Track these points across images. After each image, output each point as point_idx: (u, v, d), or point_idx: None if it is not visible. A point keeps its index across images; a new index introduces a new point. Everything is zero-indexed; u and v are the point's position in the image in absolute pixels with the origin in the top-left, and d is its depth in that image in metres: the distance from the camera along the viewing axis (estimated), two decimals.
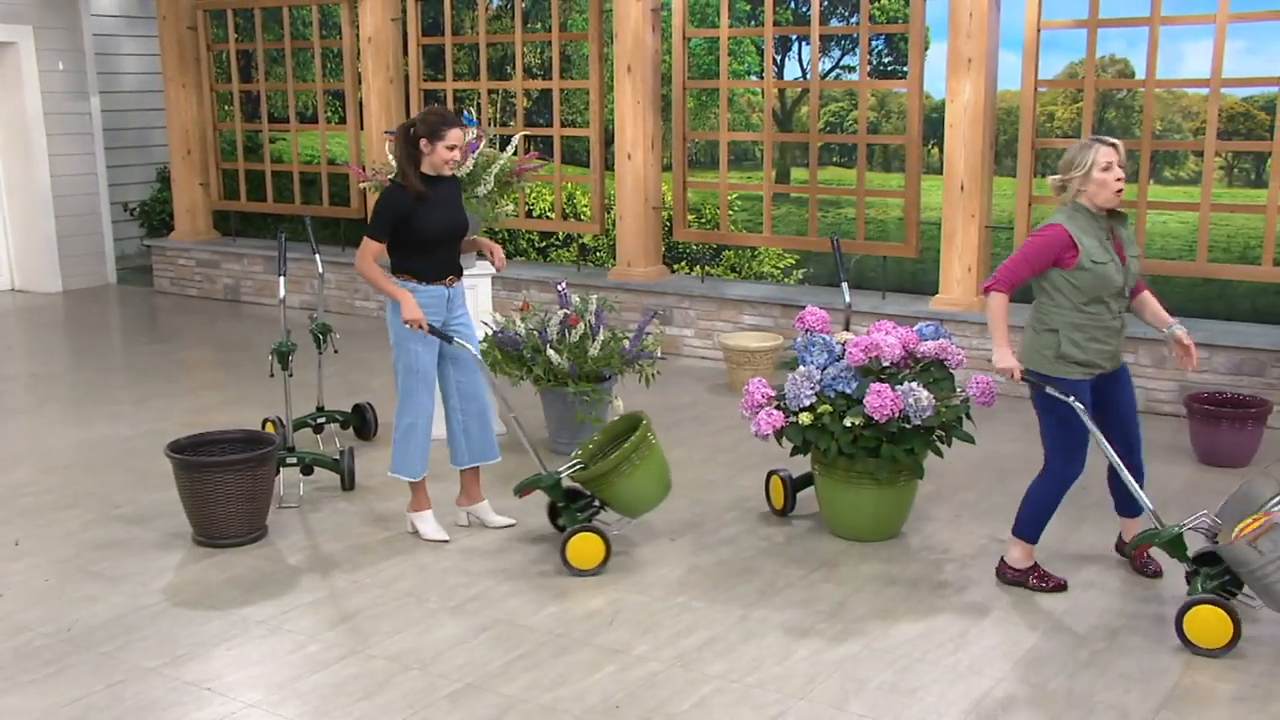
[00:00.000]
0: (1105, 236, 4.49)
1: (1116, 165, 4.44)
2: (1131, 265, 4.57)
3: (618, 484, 4.98)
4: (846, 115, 8.64)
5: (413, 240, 5.05)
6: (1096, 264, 4.45)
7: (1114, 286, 4.50)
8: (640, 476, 5.00)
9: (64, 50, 11.49)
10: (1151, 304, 4.76)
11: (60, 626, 4.48)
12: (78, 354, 9.31)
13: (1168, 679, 4.05)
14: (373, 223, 5.06)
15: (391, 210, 5.01)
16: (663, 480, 5.12)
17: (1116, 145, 4.47)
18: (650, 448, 5.04)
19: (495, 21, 9.85)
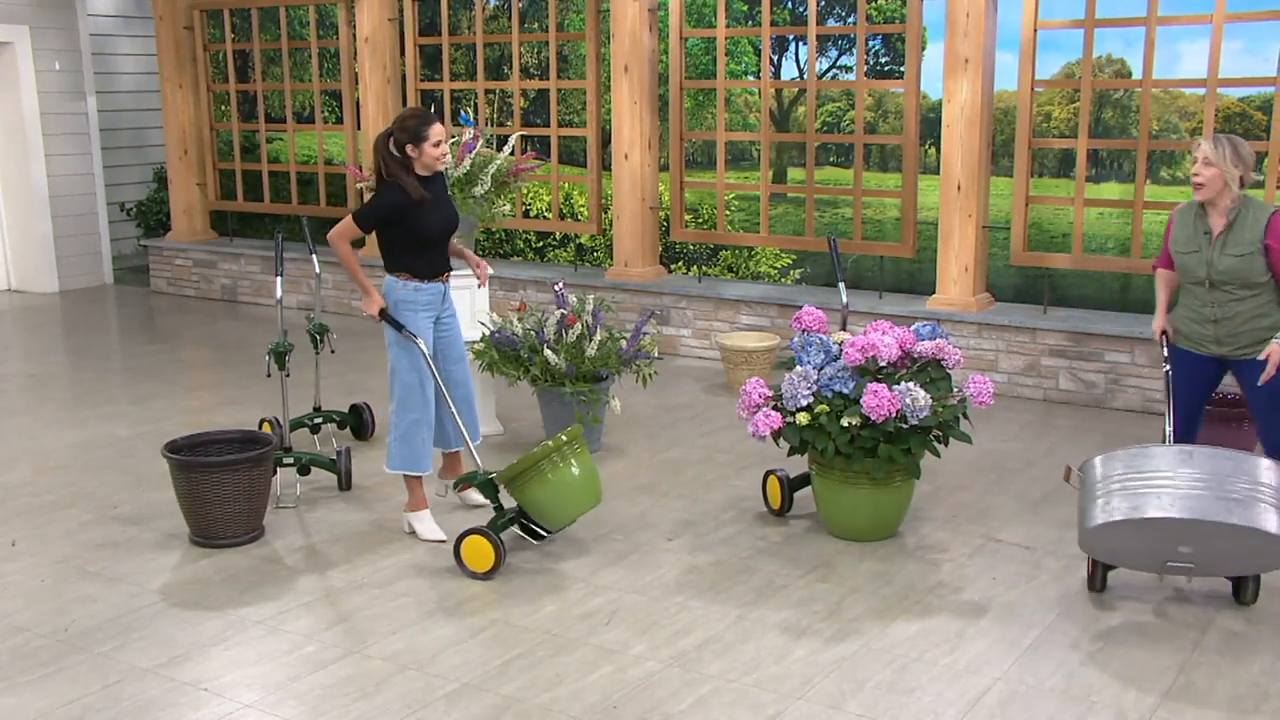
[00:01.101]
0: (1202, 229, 4.78)
1: (1199, 161, 4.70)
2: (1220, 261, 4.73)
3: (527, 489, 4.90)
4: (844, 115, 8.64)
5: (413, 240, 5.13)
6: (1178, 252, 4.88)
7: (1193, 275, 4.82)
8: (553, 484, 4.87)
9: (60, 50, 11.48)
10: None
11: (57, 627, 4.47)
12: (75, 354, 9.30)
13: (1165, 678, 4.05)
14: (364, 211, 5.14)
15: (390, 210, 5.06)
16: (580, 493, 4.93)
17: (1205, 142, 4.72)
18: (565, 457, 4.88)
19: (492, 21, 9.85)
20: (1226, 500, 4.18)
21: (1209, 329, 4.86)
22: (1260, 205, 4.77)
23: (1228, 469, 4.25)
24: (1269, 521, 4.17)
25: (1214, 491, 4.20)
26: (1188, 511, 4.19)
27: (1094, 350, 7.36)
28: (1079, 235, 7.52)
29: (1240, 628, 4.42)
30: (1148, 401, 7.21)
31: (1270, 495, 4.20)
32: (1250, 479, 4.22)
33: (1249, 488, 4.20)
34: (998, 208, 7.92)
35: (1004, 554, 5.12)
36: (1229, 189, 4.70)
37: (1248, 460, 4.29)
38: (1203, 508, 4.19)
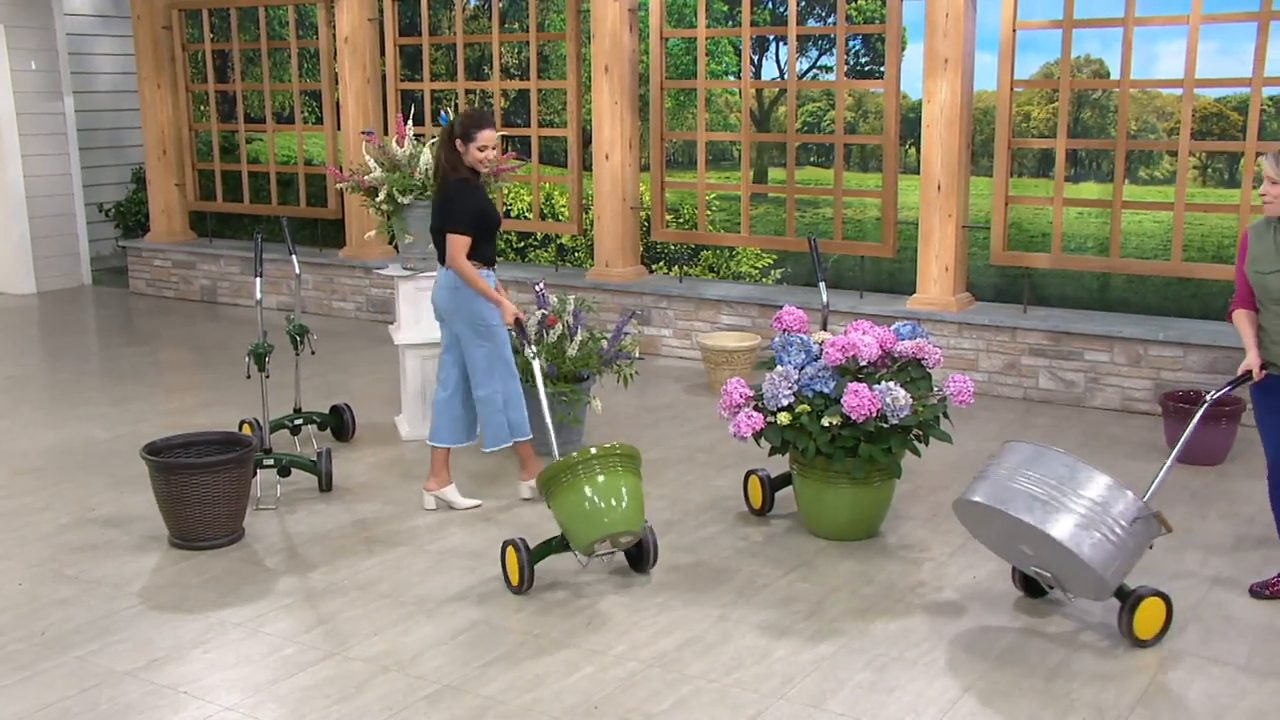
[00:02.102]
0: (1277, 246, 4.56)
1: (1266, 180, 4.49)
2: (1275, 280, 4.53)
3: (558, 495, 4.66)
4: (824, 115, 8.65)
5: (483, 229, 5.41)
6: (1256, 272, 4.62)
7: (1272, 294, 4.58)
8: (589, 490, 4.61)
9: (36, 50, 11.41)
10: None
11: (34, 630, 4.44)
12: (52, 356, 9.24)
13: (1143, 677, 4.07)
14: (454, 218, 5.36)
15: (470, 201, 5.37)
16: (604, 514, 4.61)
17: (1268, 161, 4.49)
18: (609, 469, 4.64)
19: (472, 22, 9.83)
20: (1033, 499, 4.18)
21: (1264, 346, 4.66)
22: None
23: (1062, 474, 4.22)
24: (1059, 528, 4.12)
25: (1030, 490, 4.21)
26: (990, 499, 4.26)
27: (1073, 349, 7.40)
28: (1058, 235, 7.55)
29: (1218, 626, 4.45)
30: (1127, 400, 7.25)
31: (1085, 508, 4.14)
32: (1075, 489, 4.18)
33: (1068, 497, 4.16)
34: (977, 207, 7.95)
35: (984, 553, 5.13)
36: None
37: (1084, 471, 4.22)
38: (1005, 499, 4.22)
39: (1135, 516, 4.16)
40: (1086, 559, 4.11)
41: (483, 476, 6.18)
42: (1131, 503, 4.18)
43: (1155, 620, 4.27)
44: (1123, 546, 4.16)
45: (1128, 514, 4.16)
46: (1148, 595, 4.24)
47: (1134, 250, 7.58)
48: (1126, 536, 4.15)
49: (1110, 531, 4.14)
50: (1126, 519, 4.15)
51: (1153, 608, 4.25)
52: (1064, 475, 4.23)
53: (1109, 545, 4.13)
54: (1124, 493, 4.19)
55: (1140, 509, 4.18)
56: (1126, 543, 4.16)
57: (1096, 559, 4.12)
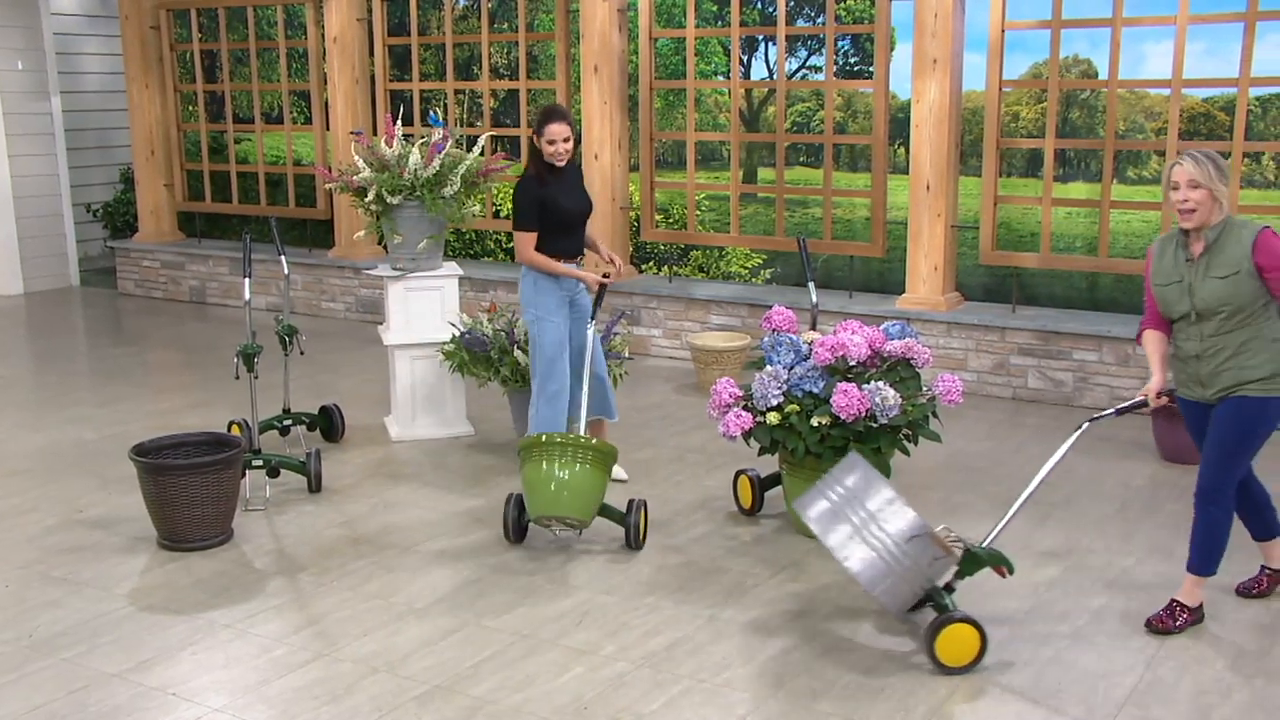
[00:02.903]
0: (1184, 257, 4.26)
1: (1184, 185, 4.16)
2: (1204, 287, 4.21)
3: (523, 466, 5.09)
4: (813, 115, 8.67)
5: (549, 222, 5.56)
6: (1159, 285, 4.36)
7: (1177, 310, 4.30)
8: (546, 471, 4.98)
9: (23, 49, 11.37)
10: None
11: (21, 633, 4.43)
12: (40, 357, 9.21)
13: (1132, 675, 4.08)
14: (518, 217, 5.61)
15: (528, 199, 5.55)
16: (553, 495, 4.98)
17: (1185, 162, 4.19)
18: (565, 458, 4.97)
19: (461, 22, 9.82)
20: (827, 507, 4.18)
21: (1191, 366, 4.34)
22: (1242, 223, 4.24)
23: (857, 486, 4.19)
24: (833, 537, 4.10)
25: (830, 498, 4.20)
26: (800, 505, 4.28)
27: (1062, 349, 7.41)
28: (1047, 234, 7.57)
29: (1206, 624, 4.46)
30: (1115, 400, 7.26)
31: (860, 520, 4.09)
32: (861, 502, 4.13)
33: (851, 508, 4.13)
34: (966, 207, 7.97)
35: None
36: (1219, 208, 4.18)
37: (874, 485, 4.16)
38: (807, 503, 4.24)
39: (911, 535, 4.04)
40: (854, 573, 4.07)
41: (471, 477, 6.18)
42: (910, 522, 4.06)
43: (963, 648, 4.06)
44: (896, 565, 4.05)
45: (904, 533, 4.05)
46: (954, 622, 4.05)
47: (1122, 250, 7.61)
48: (901, 555, 4.04)
49: (883, 548, 4.05)
50: (902, 538, 4.05)
51: (959, 634, 4.04)
52: (858, 487, 4.17)
53: (880, 562, 4.05)
54: (904, 511, 4.08)
55: (918, 528, 4.05)
56: (901, 561, 4.04)
57: (864, 574, 4.06)
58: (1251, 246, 4.14)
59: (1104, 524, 5.46)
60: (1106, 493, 5.89)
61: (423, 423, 6.83)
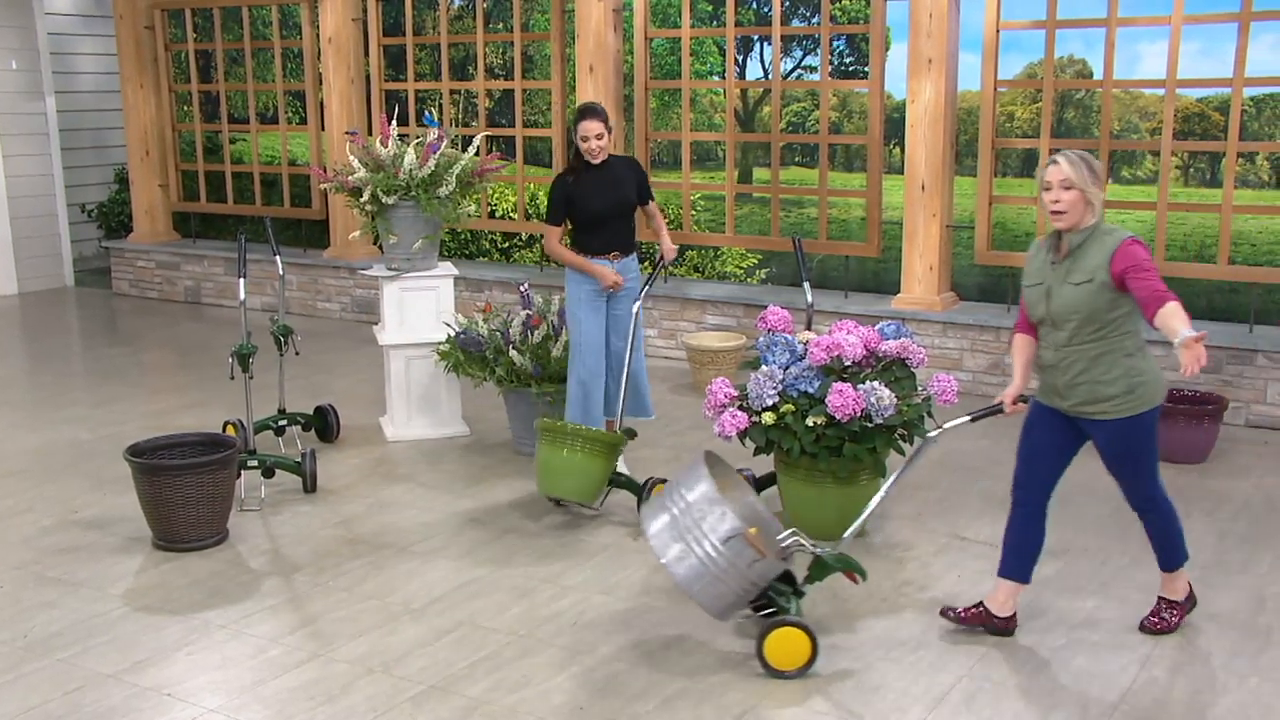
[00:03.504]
0: (1051, 259, 4.16)
1: (1056, 185, 4.05)
2: (1060, 293, 4.09)
3: (540, 448, 5.43)
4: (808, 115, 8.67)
5: (580, 218, 5.80)
6: (1025, 287, 4.27)
7: (1036, 313, 4.20)
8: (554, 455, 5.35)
9: (17, 49, 11.35)
10: None
11: (16, 633, 4.42)
12: (35, 357, 9.20)
13: (1126, 674, 4.09)
14: (546, 211, 5.94)
15: (555, 195, 5.83)
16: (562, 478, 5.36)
17: (1060, 162, 4.07)
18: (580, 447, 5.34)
19: (457, 22, 9.82)
20: (659, 505, 4.15)
21: (1049, 375, 4.23)
22: (1109, 230, 4.07)
23: (686, 483, 4.14)
24: (657, 538, 4.07)
25: (666, 498, 4.17)
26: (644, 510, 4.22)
27: None
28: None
29: (1201, 623, 4.47)
30: None
31: (680, 514, 4.05)
32: (685, 498, 4.09)
33: (675, 504, 4.09)
34: (961, 207, 7.97)
35: (969, 552, 5.15)
36: (1091, 211, 4.05)
37: (701, 484, 4.08)
38: (651, 507, 4.19)
39: (727, 536, 3.98)
40: (670, 570, 4.04)
41: (466, 477, 6.18)
42: (726, 521, 4.00)
43: (794, 651, 4.04)
44: (711, 566, 3.99)
45: (720, 533, 3.99)
46: (782, 626, 4.05)
47: None
48: (717, 556, 3.98)
49: (699, 547, 4.00)
50: (719, 538, 3.99)
51: (789, 637, 4.04)
52: (687, 483, 4.12)
53: (694, 561, 4.00)
54: (723, 512, 4.01)
55: (733, 530, 3.97)
56: (718, 562, 3.98)
57: (679, 572, 4.02)
58: (1111, 255, 4.00)
59: (1099, 524, 5.47)
60: (1101, 492, 5.89)
61: (418, 423, 6.82)
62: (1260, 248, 8.04)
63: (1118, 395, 4.10)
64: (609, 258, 5.85)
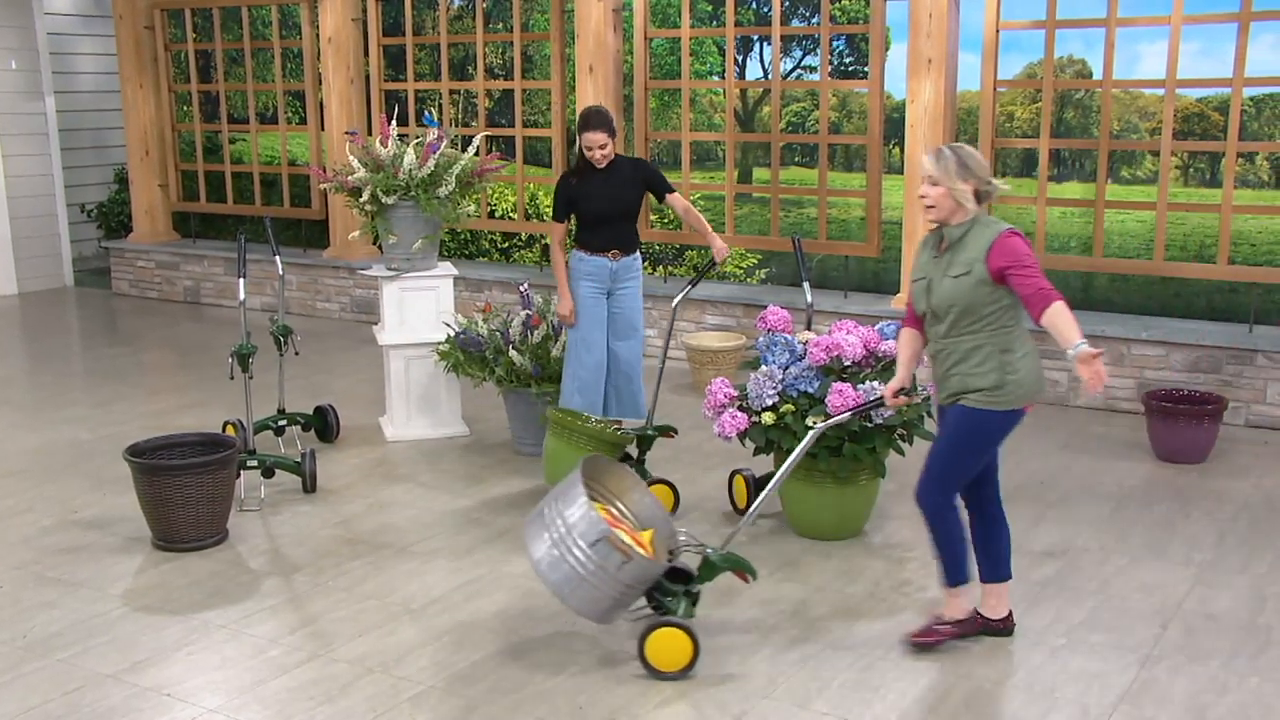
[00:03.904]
0: (934, 254, 4.17)
1: (925, 181, 4.09)
2: (939, 286, 4.09)
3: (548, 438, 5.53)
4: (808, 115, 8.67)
5: (580, 218, 5.93)
6: (912, 280, 4.27)
7: (919, 306, 4.21)
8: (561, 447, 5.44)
9: (17, 49, 11.34)
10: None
11: (16, 633, 4.42)
12: (34, 357, 9.20)
13: (1126, 674, 4.09)
14: (552, 209, 6.08)
15: (558, 195, 5.96)
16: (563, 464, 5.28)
17: (928, 157, 4.10)
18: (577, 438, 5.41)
19: (456, 22, 9.82)
20: (538, 516, 4.10)
21: (934, 367, 4.23)
22: (989, 223, 4.07)
23: (560, 492, 4.10)
24: (536, 547, 4.04)
25: (544, 507, 4.13)
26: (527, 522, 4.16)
27: (1056, 349, 7.38)
28: (1041, 235, 7.58)
29: (1200, 623, 4.47)
30: (1110, 399, 7.28)
31: (556, 525, 4.01)
32: (561, 508, 4.04)
33: (553, 512, 4.05)
34: None
35: None
36: (962, 207, 4.05)
37: (574, 490, 4.04)
38: (531, 519, 4.15)
39: (594, 539, 3.95)
40: (542, 576, 4.02)
41: (466, 477, 6.18)
42: (591, 524, 3.96)
43: (675, 652, 4.03)
44: (581, 570, 3.96)
45: (588, 536, 3.96)
46: (662, 626, 4.03)
47: (1117, 250, 7.62)
48: (586, 560, 3.95)
49: (570, 553, 3.97)
50: (587, 541, 3.96)
51: (670, 638, 4.03)
52: (561, 493, 4.10)
53: (565, 566, 3.97)
54: (591, 516, 3.98)
55: (598, 534, 3.94)
56: (587, 566, 3.95)
57: (550, 578, 4.01)
58: (988, 248, 3.99)
59: (1099, 523, 5.47)
60: (1102, 492, 5.90)
61: (418, 423, 6.82)
62: (1260, 248, 8.05)
63: (985, 388, 4.08)
64: (609, 256, 5.93)
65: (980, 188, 4.07)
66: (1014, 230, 4.05)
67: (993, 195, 4.14)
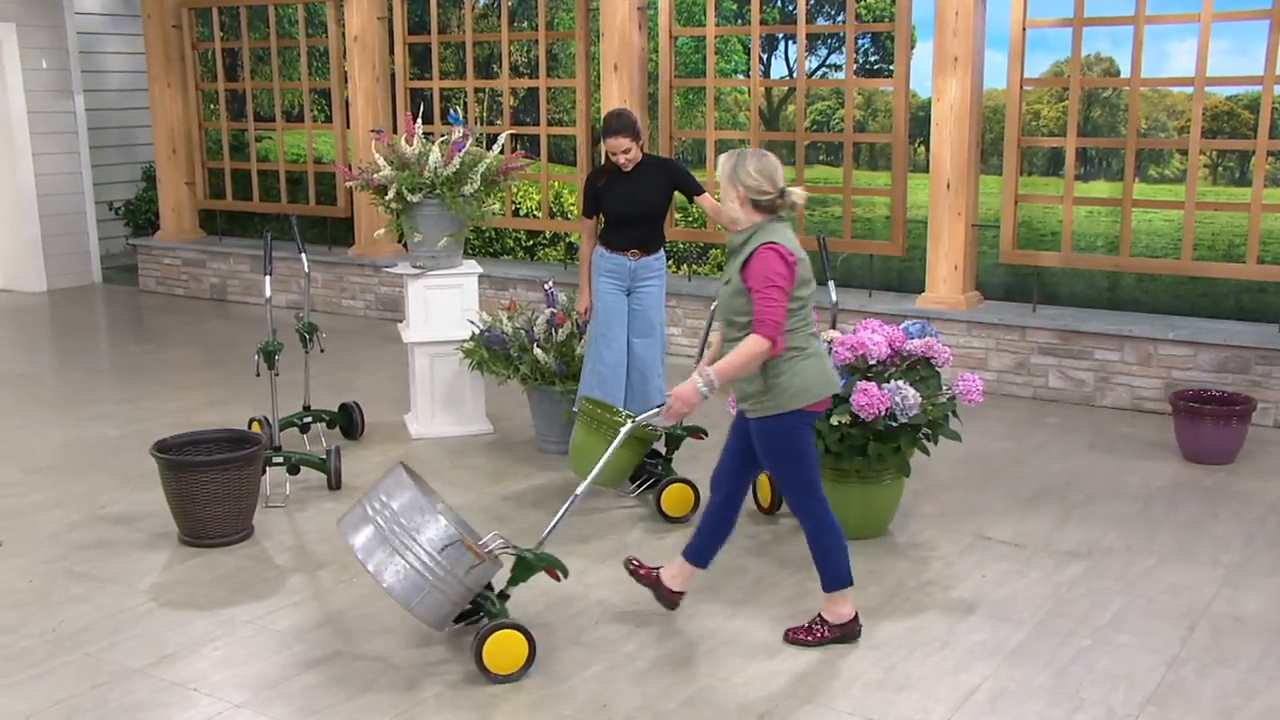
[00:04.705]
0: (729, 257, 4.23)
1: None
2: (720, 292, 4.19)
3: (576, 430, 5.51)
4: (833, 114, 8.64)
5: (604, 217, 6.02)
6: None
7: None
8: (590, 437, 5.39)
9: (47, 48, 11.44)
10: None
11: (45, 627, 4.46)
12: (63, 354, 9.27)
13: (1153, 676, 4.06)
14: (580, 206, 6.25)
15: (585, 193, 6.09)
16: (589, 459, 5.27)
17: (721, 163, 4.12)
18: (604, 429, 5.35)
19: (482, 20, 9.84)
20: (370, 527, 3.99)
21: None
22: (765, 235, 4.04)
23: (394, 498, 4.00)
24: (372, 557, 3.95)
25: (372, 517, 4.00)
26: (345, 526, 4.05)
27: (1083, 348, 7.38)
28: (1068, 233, 7.54)
29: (1228, 626, 4.44)
30: (1136, 399, 7.23)
31: (397, 533, 3.94)
32: (397, 515, 3.96)
33: (389, 522, 3.96)
34: (987, 206, 7.94)
35: (994, 551, 5.13)
36: (745, 211, 4.05)
37: (407, 495, 3.98)
38: (351, 526, 4.03)
39: (444, 544, 3.92)
40: (387, 586, 3.95)
41: (490, 474, 6.19)
42: (441, 529, 3.94)
43: (511, 654, 4.02)
44: (429, 576, 3.92)
45: (436, 542, 3.92)
46: (502, 629, 4.02)
47: (1144, 249, 7.56)
48: (435, 566, 3.92)
49: (418, 560, 3.92)
50: (435, 547, 3.92)
51: (507, 640, 4.01)
52: (396, 501, 4.00)
53: (414, 574, 3.92)
54: (437, 520, 3.96)
55: (449, 537, 3.92)
56: (435, 572, 3.92)
57: (398, 588, 3.94)
58: (746, 261, 4.02)
59: (1126, 524, 5.44)
60: (1128, 492, 5.87)
61: (442, 420, 6.84)
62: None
63: (754, 394, 4.14)
64: (629, 255, 5.96)
65: (754, 198, 4.03)
66: (773, 245, 4.00)
67: (784, 206, 4.08)
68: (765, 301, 3.95)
